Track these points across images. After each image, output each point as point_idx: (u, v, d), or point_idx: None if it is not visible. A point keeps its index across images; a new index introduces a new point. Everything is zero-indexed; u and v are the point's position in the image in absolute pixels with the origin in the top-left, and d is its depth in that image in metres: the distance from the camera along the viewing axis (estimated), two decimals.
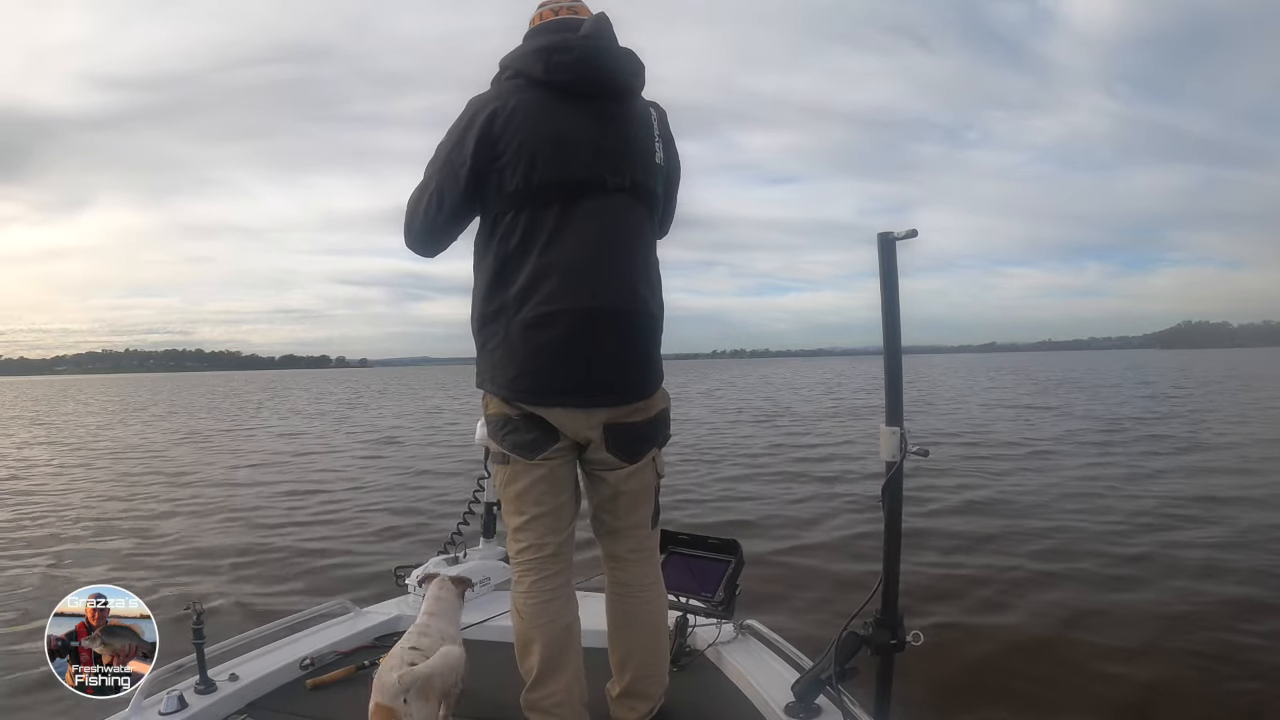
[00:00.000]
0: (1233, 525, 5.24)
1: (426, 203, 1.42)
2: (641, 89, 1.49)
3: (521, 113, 1.35)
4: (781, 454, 9.44)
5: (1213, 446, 9.46)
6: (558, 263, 1.35)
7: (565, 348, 1.35)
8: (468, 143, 1.36)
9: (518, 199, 1.36)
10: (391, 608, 2.24)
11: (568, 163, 1.36)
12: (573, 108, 1.38)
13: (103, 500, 7.42)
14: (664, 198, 1.52)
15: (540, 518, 1.46)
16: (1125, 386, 24.35)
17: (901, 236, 1.48)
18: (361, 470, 9.08)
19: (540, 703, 1.47)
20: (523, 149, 1.34)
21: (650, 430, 1.49)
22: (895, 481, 1.52)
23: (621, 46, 1.44)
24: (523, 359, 1.37)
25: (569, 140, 1.37)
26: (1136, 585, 4.05)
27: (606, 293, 1.37)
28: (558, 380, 1.37)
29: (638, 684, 1.54)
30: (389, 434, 14.02)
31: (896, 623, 1.48)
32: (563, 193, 1.36)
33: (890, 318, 1.51)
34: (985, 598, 3.91)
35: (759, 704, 1.66)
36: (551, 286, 1.35)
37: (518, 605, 1.48)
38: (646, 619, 1.55)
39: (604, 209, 1.38)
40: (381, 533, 5.71)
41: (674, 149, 1.54)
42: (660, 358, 1.50)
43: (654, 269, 1.50)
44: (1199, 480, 7.10)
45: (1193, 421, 12.62)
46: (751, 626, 2.00)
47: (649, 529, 1.56)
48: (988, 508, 6.03)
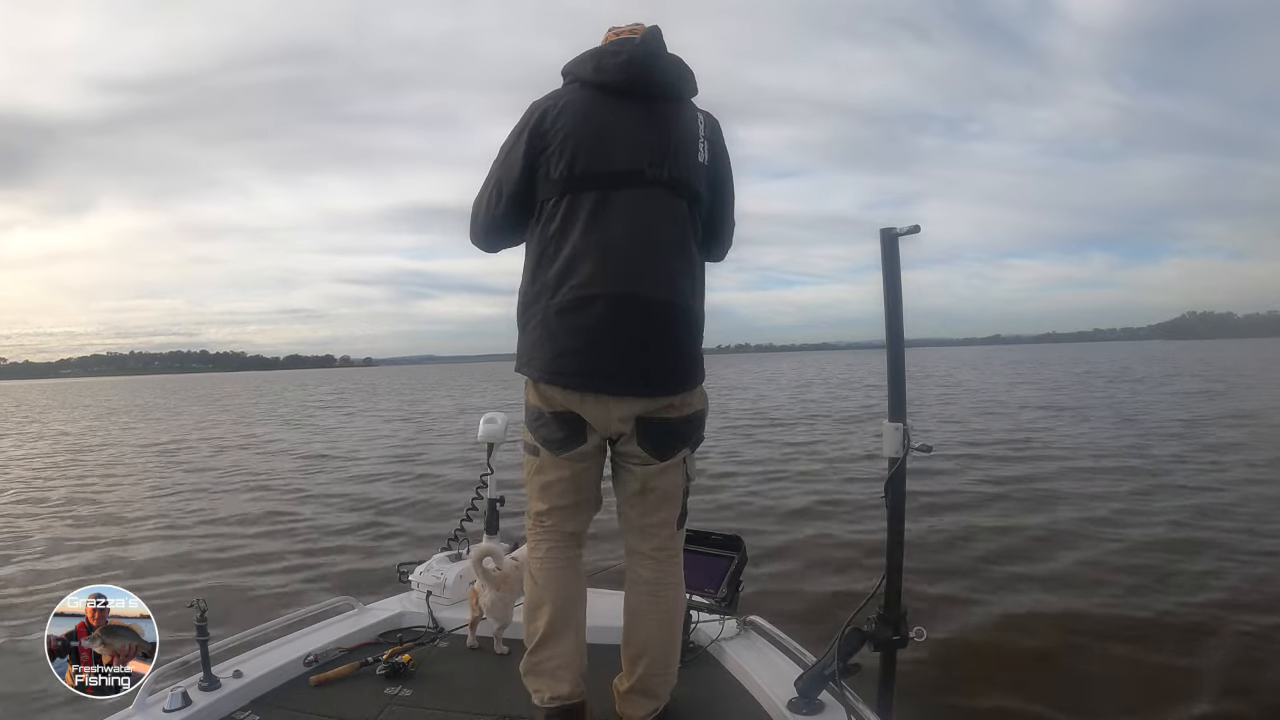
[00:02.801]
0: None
1: (488, 197, 1.51)
2: (692, 95, 1.54)
3: (571, 109, 1.44)
4: (785, 451, 9.46)
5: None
6: (595, 247, 1.39)
7: (601, 332, 1.38)
8: (523, 137, 1.45)
9: (560, 186, 1.42)
10: (395, 604, 2.24)
11: (608, 154, 1.42)
12: (619, 104, 1.44)
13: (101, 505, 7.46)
14: (711, 203, 1.53)
15: (560, 509, 1.53)
16: (1165, 381, 22.21)
17: (904, 232, 1.48)
18: (363, 468, 9.10)
19: (542, 665, 1.50)
20: (567, 140, 1.42)
21: (684, 429, 1.50)
22: (898, 478, 1.51)
23: (671, 54, 1.50)
24: (560, 341, 1.40)
25: (611, 133, 1.43)
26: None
27: (643, 280, 1.40)
28: (593, 363, 1.39)
29: (647, 682, 1.54)
30: (402, 436, 14.03)
31: (899, 619, 1.49)
32: (602, 181, 1.41)
33: (893, 313, 1.51)
34: (989, 597, 3.91)
35: (762, 700, 1.67)
36: (588, 270, 1.39)
37: (533, 569, 1.54)
38: (664, 618, 1.54)
39: (642, 199, 1.42)
40: (384, 531, 5.73)
41: (725, 158, 1.55)
42: (701, 356, 1.51)
43: (696, 265, 1.51)
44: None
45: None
46: (755, 622, 2.00)
47: (674, 529, 1.56)
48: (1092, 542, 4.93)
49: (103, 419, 21.96)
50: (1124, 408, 14.28)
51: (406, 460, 9.72)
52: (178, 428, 17.41)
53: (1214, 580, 4.00)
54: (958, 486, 6.65)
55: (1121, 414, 13.03)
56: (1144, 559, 4.43)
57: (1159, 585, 3.96)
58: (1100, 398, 17.03)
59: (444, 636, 2.05)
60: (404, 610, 2.19)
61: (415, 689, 1.74)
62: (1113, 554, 4.53)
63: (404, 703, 1.68)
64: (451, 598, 2.22)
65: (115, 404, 31.68)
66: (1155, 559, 4.40)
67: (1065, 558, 4.47)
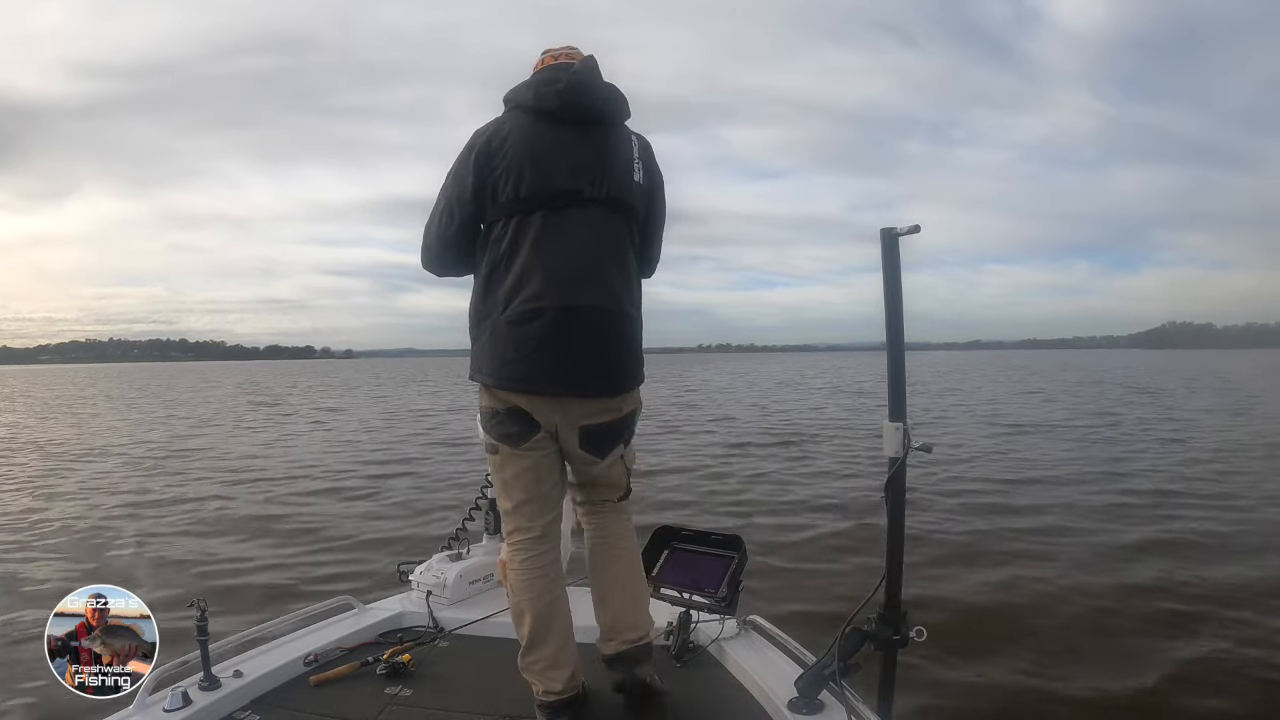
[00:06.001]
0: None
1: (440, 218, 1.61)
2: (625, 119, 1.66)
3: (514, 134, 1.55)
4: (784, 449, 9.46)
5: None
6: (541, 264, 1.51)
7: (546, 340, 1.50)
8: (470, 161, 1.55)
9: (507, 208, 1.54)
10: (395, 604, 2.24)
11: (550, 175, 1.53)
12: (558, 130, 1.56)
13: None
14: (646, 219, 1.67)
15: (528, 503, 1.62)
16: (1181, 393, 20.74)
17: (904, 232, 1.48)
18: (362, 468, 9.09)
19: (531, 666, 1.59)
20: (512, 165, 1.52)
21: (620, 429, 1.64)
22: (898, 477, 1.52)
23: (606, 82, 1.63)
24: (507, 349, 1.52)
25: (552, 156, 1.54)
26: None
27: (586, 292, 1.52)
28: (537, 368, 1.51)
29: (619, 620, 1.65)
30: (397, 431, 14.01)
31: (899, 618, 1.49)
32: (545, 201, 1.52)
33: (893, 314, 1.51)
34: (995, 596, 3.92)
35: (762, 699, 1.67)
36: (536, 286, 1.50)
37: (511, 580, 1.63)
38: (625, 558, 1.72)
39: (583, 218, 1.54)
40: (386, 529, 5.73)
41: (658, 176, 1.69)
42: (641, 360, 1.65)
43: (633, 276, 1.64)
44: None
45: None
46: (755, 622, 2.00)
47: (618, 500, 1.74)
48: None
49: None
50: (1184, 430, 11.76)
51: (407, 460, 9.71)
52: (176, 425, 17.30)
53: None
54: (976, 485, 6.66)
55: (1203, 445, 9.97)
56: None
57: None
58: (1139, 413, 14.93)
59: (444, 636, 2.05)
60: (404, 610, 2.19)
61: (415, 689, 1.74)
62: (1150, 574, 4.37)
63: (404, 703, 1.68)
64: (452, 597, 2.22)
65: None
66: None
67: (1081, 561, 4.48)
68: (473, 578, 2.32)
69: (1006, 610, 3.71)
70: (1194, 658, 3.13)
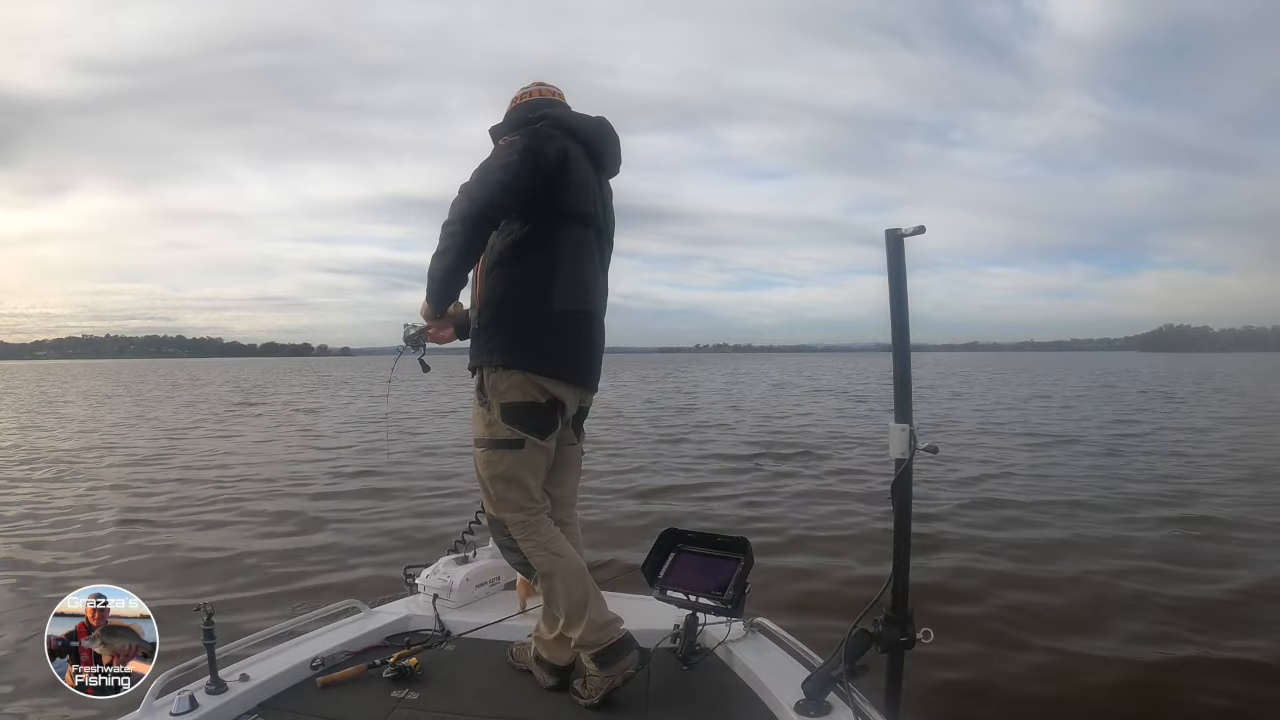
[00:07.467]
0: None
1: (509, 170, 1.69)
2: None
3: (574, 156, 1.81)
4: (788, 451, 9.45)
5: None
6: (579, 271, 1.82)
7: (578, 338, 1.83)
8: (539, 157, 1.71)
9: (555, 216, 1.78)
10: (401, 607, 2.24)
11: (588, 199, 1.85)
12: (591, 165, 1.89)
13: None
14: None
15: (537, 485, 1.84)
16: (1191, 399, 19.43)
17: (910, 233, 1.47)
18: (362, 469, 9.09)
19: (594, 621, 1.71)
20: (569, 181, 1.79)
21: (584, 413, 1.99)
22: (905, 479, 1.51)
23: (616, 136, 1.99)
24: (550, 342, 1.78)
25: (590, 184, 1.86)
26: None
27: (596, 301, 1.88)
28: (573, 360, 1.82)
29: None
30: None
31: (906, 620, 1.48)
32: (582, 220, 1.83)
33: (899, 314, 1.50)
34: (999, 598, 3.90)
35: (769, 701, 1.66)
36: (571, 289, 1.80)
37: (551, 548, 1.78)
38: (579, 547, 1.98)
39: (596, 238, 1.89)
40: (390, 532, 5.72)
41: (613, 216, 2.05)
42: None
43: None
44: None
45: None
46: (761, 624, 2.00)
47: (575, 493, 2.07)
48: None
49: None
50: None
51: (408, 460, 9.70)
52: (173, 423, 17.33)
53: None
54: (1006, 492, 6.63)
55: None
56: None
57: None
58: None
59: (451, 640, 2.05)
60: (411, 613, 2.19)
61: (422, 692, 1.74)
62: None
63: (411, 706, 1.68)
64: (458, 601, 2.23)
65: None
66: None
67: (1087, 565, 4.45)
68: (479, 581, 2.32)
69: (1017, 614, 3.69)
70: (1208, 654, 3.11)
